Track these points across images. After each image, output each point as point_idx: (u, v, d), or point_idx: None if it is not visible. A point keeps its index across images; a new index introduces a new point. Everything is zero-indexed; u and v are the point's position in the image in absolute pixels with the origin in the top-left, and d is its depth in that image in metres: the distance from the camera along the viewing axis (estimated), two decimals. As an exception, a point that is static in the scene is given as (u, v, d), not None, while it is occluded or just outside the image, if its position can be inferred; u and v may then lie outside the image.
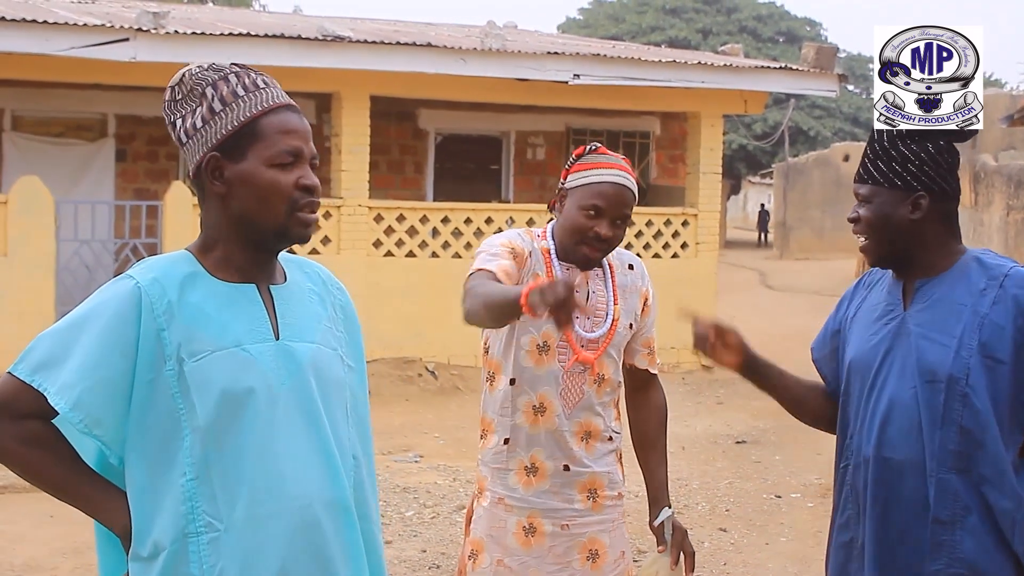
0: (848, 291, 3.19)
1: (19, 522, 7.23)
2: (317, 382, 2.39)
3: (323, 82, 12.72)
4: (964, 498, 2.81)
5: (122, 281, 2.33)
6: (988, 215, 17.51)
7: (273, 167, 2.33)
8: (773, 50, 41.61)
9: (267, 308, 2.38)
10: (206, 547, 2.27)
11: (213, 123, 2.33)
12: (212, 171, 2.34)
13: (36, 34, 11.16)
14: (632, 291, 3.49)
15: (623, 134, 16.30)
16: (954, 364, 2.81)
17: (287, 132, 2.35)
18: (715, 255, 14.57)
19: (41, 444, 2.29)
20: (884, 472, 2.88)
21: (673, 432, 10.49)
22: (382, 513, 7.61)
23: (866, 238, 2.93)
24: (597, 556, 3.42)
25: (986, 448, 2.80)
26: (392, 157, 15.38)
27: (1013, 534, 2.82)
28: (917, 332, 2.88)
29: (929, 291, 2.90)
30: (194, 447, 2.27)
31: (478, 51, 12.91)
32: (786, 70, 15.11)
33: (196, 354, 2.28)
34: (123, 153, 14.29)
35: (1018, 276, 2.85)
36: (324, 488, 2.35)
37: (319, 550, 2.34)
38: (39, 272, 11.67)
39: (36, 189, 11.70)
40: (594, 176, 3.34)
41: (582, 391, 3.37)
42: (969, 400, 2.80)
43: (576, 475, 3.39)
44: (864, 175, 2.93)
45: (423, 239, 13.29)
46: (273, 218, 2.33)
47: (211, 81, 2.35)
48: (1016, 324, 2.80)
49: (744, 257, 33.56)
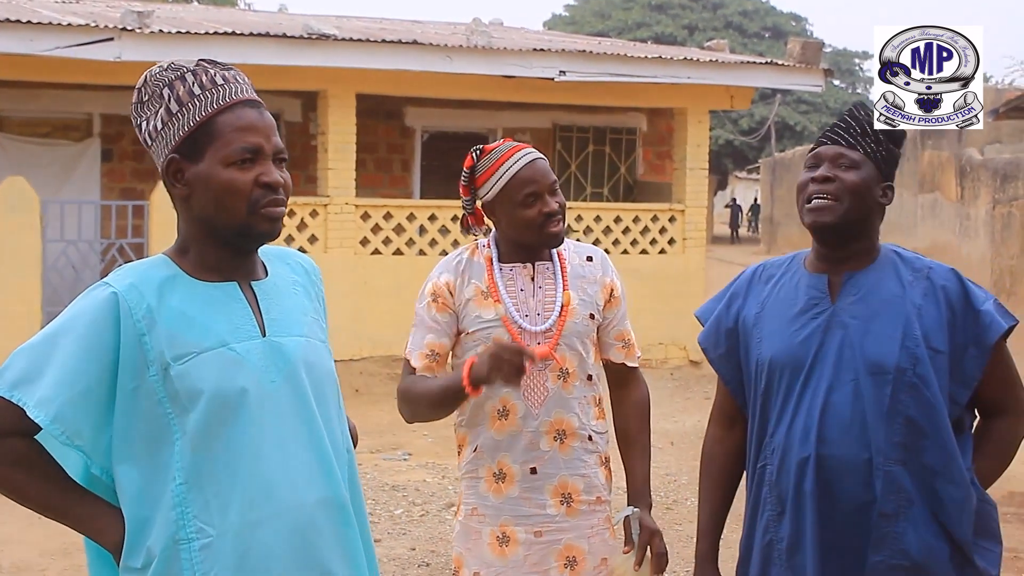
0: (737, 286, 3.12)
1: (8, 523, 7.20)
2: (309, 376, 2.35)
3: (309, 80, 12.71)
4: (908, 490, 2.79)
5: (98, 289, 2.29)
6: (974, 209, 17.54)
7: (230, 166, 2.27)
8: (759, 46, 41.65)
9: (251, 305, 2.34)
10: (198, 554, 2.22)
11: (171, 125, 2.28)
12: (173, 174, 2.30)
13: (20, 34, 11.12)
14: (591, 281, 3.39)
15: (610, 130, 16.29)
16: (901, 355, 2.79)
17: (243, 129, 2.28)
18: (702, 251, 14.59)
19: (25, 463, 2.25)
20: (826, 470, 2.82)
21: (662, 428, 10.51)
22: (371, 511, 7.63)
23: (838, 200, 2.85)
24: (576, 563, 3.32)
25: (934, 438, 2.79)
26: (379, 155, 15.36)
27: (960, 522, 2.81)
28: (855, 324, 2.85)
29: (858, 283, 2.89)
30: (184, 452, 2.23)
31: (464, 48, 12.90)
32: (772, 65, 15.13)
33: (181, 357, 2.24)
34: (109, 153, 14.24)
35: (942, 270, 2.90)
36: (319, 487, 2.31)
37: (316, 552, 2.30)
38: (26, 272, 11.63)
39: (22, 189, 11.66)
40: (507, 171, 3.29)
41: (546, 388, 3.29)
42: (918, 390, 2.78)
43: (545, 478, 3.30)
44: (853, 142, 2.88)
45: (410, 237, 13.27)
46: (234, 218, 2.28)
47: (168, 81, 2.29)
48: (946, 315, 2.83)
49: (731, 253, 33.59)
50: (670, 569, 6.64)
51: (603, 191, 16.25)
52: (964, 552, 2.83)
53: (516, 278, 3.34)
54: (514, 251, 3.36)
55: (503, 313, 3.29)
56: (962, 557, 2.83)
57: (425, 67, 12.68)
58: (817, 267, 2.96)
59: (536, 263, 3.36)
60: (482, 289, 3.32)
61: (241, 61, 11.41)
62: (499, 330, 3.28)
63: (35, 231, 11.76)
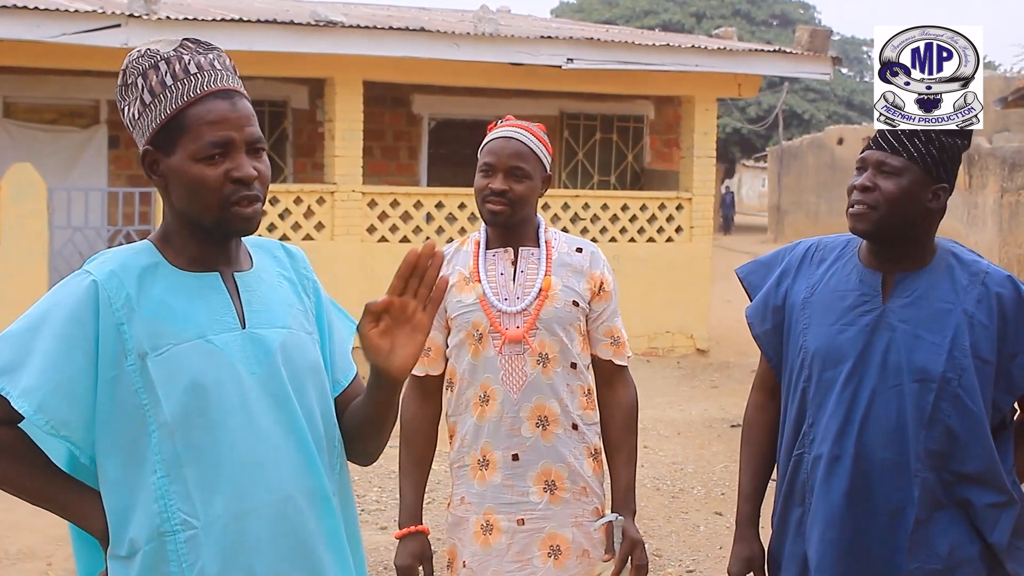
0: (786, 262, 3.08)
1: (14, 510, 7.20)
2: (287, 368, 2.31)
3: (316, 67, 12.69)
4: (941, 496, 2.79)
5: (78, 277, 2.26)
6: (982, 197, 17.50)
7: (199, 161, 2.21)
8: (767, 33, 41.55)
9: (232, 296, 2.31)
10: (184, 545, 2.20)
11: (146, 116, 2.24)
12: (149, 165, 2.27)
13: (27, 20, 11.12)
14: (576, 271, 3.37)
15: (617, 118, 16.27)
16: (947, 364, 2.77)
17: (213, 123, 2.21)
18: (709, 239, 14.56)
19: (10, 452, 2.24)
20: (865, 472, 2.82)
21: (668, 417, 10.52)
22: (377, 499, 7.63)
23: (874, 209, 2.81)
24: (560, 553, 3.30)
25: (973, 447, 2.78)
26: (386, 143, 15.35)
27: (997, 527, 2.80)
28: (904, 329, 2.82)
29: (911, 285, 2.86)
30: (163, 444, 2.21)
31: (471, 36, 12.87)
32: (780, 53, 15.08)
33: (159, 348, 2.21)
34: (116, 140, 14.23)
35: (998, 276, 2.86)
36: (301, 478, 2.29)
37: (301, 542, 2.28)
38: (32, 260, 11.64)
39: (29, 176, 11.67)
40: (487, 139, 3.38)
41: (524, 373, 3.28)
42: (961, 401, 2.77)
43: (527, 465, 3.29)
44: (898, 146, 2.82)
45: (417, 224, 13.26)
46: (208, 213, 2.23)
47: (142, 70, 2.24)
48: (998, 323, 2.80)
49: (738, 241, 33.57)
50: (677, 557, 6.65)
51: (610, 179, 16.24)
52: (995, 554, 2.83)
53: (498, 262, 3.35)
54: (498, 237, 3.38)
55: (480, 293, 3.31)
56: (993, 559, 2.83)
57: (432, 54, 12.66)
58: (872, 262, 2.92)
59: (520, 248, 3.36)
60: (465, 275, 3.35)
61: (248, 48, 11.41)
62: (478, 313, 3.30)
63: (42, 218, 11.76)
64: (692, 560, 6.66)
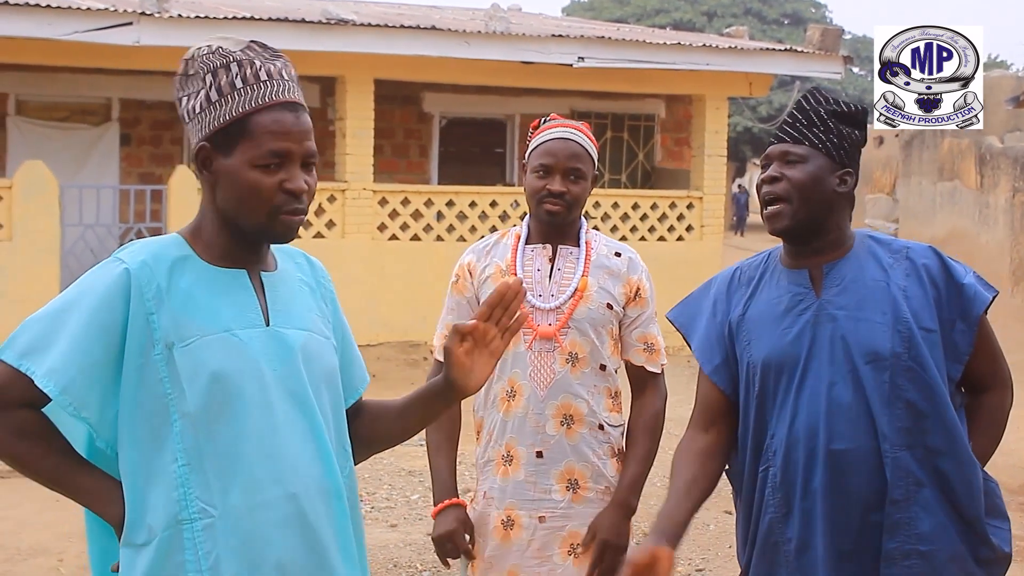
0: (715, 291, 3.04)
1: (25, 506, 7.24)
2: (308, 369, 2.35)
3: (327, 66, 12.71)
4: (916, 473, 2.76)
5: (110, 264, 2.30)
6: (994, 197, 17.46)
7: (256, 168, 2.26)
8: (778, 32, 41.49)
9: (257, 294, 2.35)
10: (200, 534, 2.24)
11: (208, 112, 2.28)
12: (202, 161, 2.31)
13: (40, 18, 11.15)
14: (614, 274, 3.39)
15: (628, 117, 16.27)
16: (895, 340, 2.77)
17: (277, 133, 2.27)
18: (720, 238, 14.56)
19: (32, 435, 2.27)
20: (838, 464, 2.77)
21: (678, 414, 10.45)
22: (387, 497, 7.64)
23: (786, 202, 2.82)
24: (580, 551, 3.31)
25: (935, 419, 2.77)
26: (396, 141, 15.36)
27: (971, 500, 2.79)
28: (844, 315, 2.81)
29: (839, 272, 2.85)
30: (184, 433, 2.24)
31: (482, 34, 12.89)
32: (791, 52, 15.08)
33: (185, 339, 2.25)
34: (127, 137, 14.28)
35: (920, 248, 2.88)
36: (318, 475, 2.33)
37: (314, 537, 2.31)
38: (44, 257, 11.68)
39: (40, 174, 11.71)
40: (540, 139, 3.37)
41: (553, 371, 3.30)
42: (915, 373, 2.76)
43: (551, 463, 3.30)
44: (798, 136, 2.85)
45: (428, 223, 13.28)
46: (253, 219, 2.29)
47: (213, 67, 2.28)
48: (931, 292, 2.81)
49: (748, 240, 33.48)
50: (687, 556, 6.64)
51: (621, 178, 16.23)
52: (976, 530, 2.81)
53: (536, 258, 3.37)
54: (538, 232, 3.39)
55: None
56: (975, 536, 2.82)
57: (443, 52, 12.67)
58: (794, 263, 2.91)
59: (559, 246, 3.37)
60: (502, 267, 3.37)
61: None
62: None
63: (53, 215, 11.80)
64: (702, 559, 6.65)
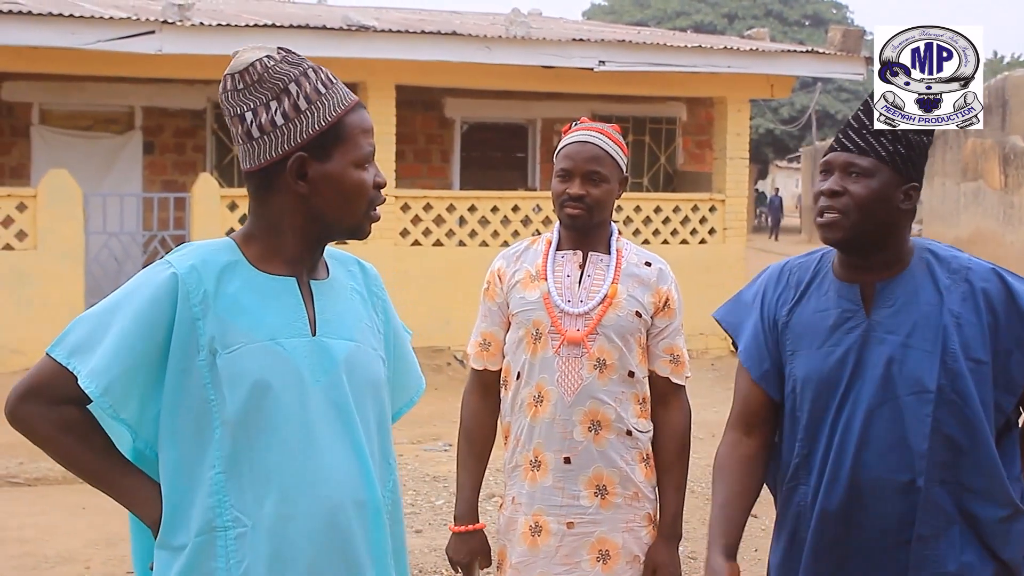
0: (761, 290, 2.90)
1: (52, 514, 7.27)
2: (350, 380, 2.34)
3: (348, 72, 12.72)
4: (947, 511, 2.63)
5: (160, 267, 2.31)
6: (1018, 197, 17.36)
7: (359, 168, 2.32)
8: (799, 33, 41.40)
9: (306, 303, 2.35)
10: (233, 542, 2.24)
11: (298, 121, 2.28)
12: (296, 171, 2.29)
13: (63, 28, 11.22)
14: (643, 283, 3.36)
15: (649, 120, 16.25)
16: (942, 372, 2.62)
17: (367, 131, 2.34)
18: (743, 240, 14.53)
19: (77, 431, 2.28)
20: (860, 493, 2.65)
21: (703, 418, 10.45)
22: (412, 502, 7.65)
23: (845, 214, 2.65)
24: (608, 557, 3.29)
25: (973, 456, 2.62)
26: (418, 146, 15.39)
27: (1006, 542, 2.66)
28: (893, 340, 2.66)
29: (892, 292, 2.69)
30: (224, 440, 2.25)
31: (503, 39, 12.90)
32: (813, 53, 15.04)
33: (229, 346, 2.25)
34: (150, 146, 14.35)
35: (981, 269, 2.70)
36: (355, 488, 2.32)
37: (348, 551, 2.30)
38: (68, 264, 11.74)
39: (65, 182, 11.77)
40: (563, 143, 3.37)
41: (580, 376, 3.28)
42: (957, 407, 2.61)
43: (579, 469, 3.28)
44: (865, 147, 2.68)
45: (450, 228, 13.29)
46: (355, 217, 2.35)
47: (294, 77, 2.29)
48: (988, 320, 2.65)
49: (782, 244, 33.41)
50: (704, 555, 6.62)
51: (643, 181, 16.22)
52: (1012, 573, 2.68)
53: (566, 264, 3.36)
54: (570, 239, 3.39)
55: (545, 291, 3.31)
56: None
57: (464, 58, 12.68)
58: (846, 275, 2.75)
59: (590, 252, 3.37)
60: (532, 272, 3.36)
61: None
62: (540, 312, 3.30)
63: (78, 223, 11.86)
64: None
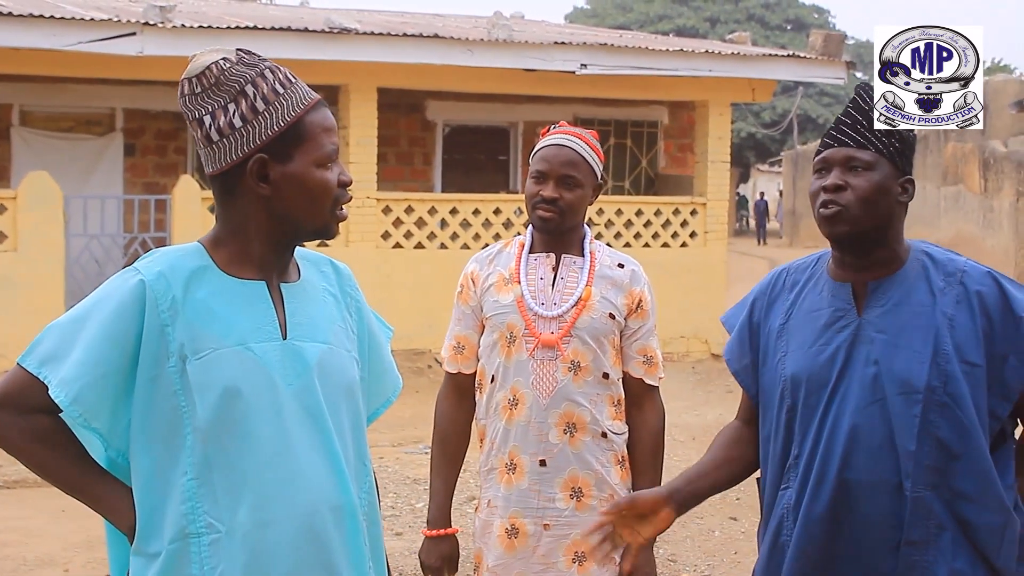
0: (759, 293, 2.90)
1: (32, 517, 7.25)
2: (323, 384, 2.33)
3: (330, 74, 12.72)
4: (938, 516, 2.58)
5: (127, 274, 2.29)
6: (998, 201, 17.46)
7: (321, 167, 2.29)
8: (781, 38, 41.51)
9: (276, 306, 2.33)
10: (207, 549, 2.23)
11: (256, 123, 2.26)
12: (257, 172, 2.27)
13: (43, 29, 11.18)
14: (616, 284, 3.37)
15: (631, 123, 16.27)
16: (931, 372, 2.57)
17: (329, 130, 2.31)
18: (724, 244, 14.56)
19: (49, 440, 2.27)
20: (847, 495, 2.61)
21: (684, 421, 10.51)
22: (392, 505, 7.64)
23: (847, 208, 2.62)
24: (585, 559, 3.30)
25: (966, 461, 2.57)
26: (400, 149, 15.38)
27: (999, 549, 2.61)
28: (882, 339, 2.63)
29: (885, 292, 2.66)
30: (195, 447, 2.23)
31: (485, 42, 12.90)
32: (794, 58, 15.08)
33: (199, 352, 2.23)
34: (132, 148, 14.30)
35: (977, 273, 2.66)
36: (331, 493, 2.30)
37: (325, 556, 2.29)
38: (49, 267, 11.69)
39: (45, 184, 11.73)
40: (540, 145, 3.39)
41: (555, 379, 3.28)
42: (949, 410, 2.57)
43: (555, 471, 3.28)
44: (864, 140, 2.65)
45: (432, 230, 13.29)
46: (320, 218, 2.31)
47: (250, 78, 2.27)
48: (982, 324, 2.61)
49: (754, 246, 33.52)
50: (692, 562, 6.64)
51: (624, 184, 16.24)
52: None
53: (539, 267, 3.37)
54: (543, 242, 3.39)
55: (518, 294, 3.33)
56: None
57: (446, 60, 12.69)
58: (840, 275, 2.74)
59: (563, 255, 3.37)
60: (505, 276, 3.37)
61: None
62: (514, 315, 3.31)
63: (58, 225, 11.82)
64: (707, 565, 6.65)
